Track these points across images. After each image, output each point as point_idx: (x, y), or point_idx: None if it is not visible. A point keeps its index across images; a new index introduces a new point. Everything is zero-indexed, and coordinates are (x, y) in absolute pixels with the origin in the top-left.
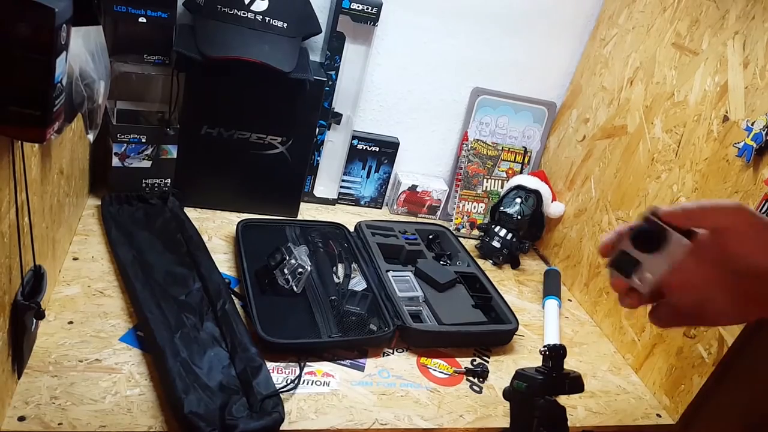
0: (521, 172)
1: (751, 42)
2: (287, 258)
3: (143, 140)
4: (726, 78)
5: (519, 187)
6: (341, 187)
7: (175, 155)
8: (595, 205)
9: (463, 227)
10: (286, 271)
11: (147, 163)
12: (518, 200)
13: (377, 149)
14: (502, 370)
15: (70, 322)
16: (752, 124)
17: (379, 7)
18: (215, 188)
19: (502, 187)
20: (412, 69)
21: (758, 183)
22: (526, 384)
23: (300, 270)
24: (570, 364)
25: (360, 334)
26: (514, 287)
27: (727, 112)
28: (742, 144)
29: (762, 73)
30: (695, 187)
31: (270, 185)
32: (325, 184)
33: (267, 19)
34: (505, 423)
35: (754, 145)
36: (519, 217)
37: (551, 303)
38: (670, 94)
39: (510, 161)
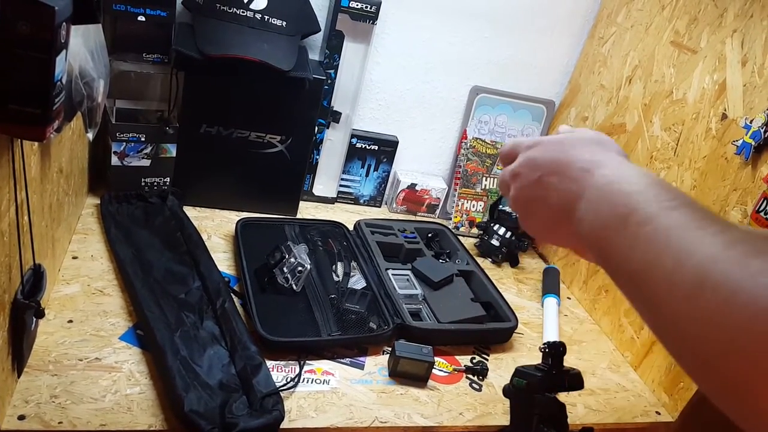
0: None
1: (750, 40)
2: (287, 256)
3: (142, 139)
4: (724, 76)
5: None
6: (340, 185)
7: (174, 154)
8: None
9: (462, 225)
10: (285, 269)
11: (146, 162)
12: None
13: (376, 148)
14: (501, 368)
15: (70, 321)
16: (750, 122)
17: (378, 5)
18: (214, 187)
19: None
20: (411, 67)
21: (756, 181)
22: (525, 381)
23: (299, 268)
24: (569, 361)
25: (359, 332)
26: (513, 285)
27: (725, 110)
28: (740, 142)
29: (760, 70)
30: (694, 185)
31: (269, 184)
32: (324, 183)
33: (266, 17)
34: (505, 421)
35: (753, 143)
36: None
37: (550, 301)
38: (668, 92)
39: None
